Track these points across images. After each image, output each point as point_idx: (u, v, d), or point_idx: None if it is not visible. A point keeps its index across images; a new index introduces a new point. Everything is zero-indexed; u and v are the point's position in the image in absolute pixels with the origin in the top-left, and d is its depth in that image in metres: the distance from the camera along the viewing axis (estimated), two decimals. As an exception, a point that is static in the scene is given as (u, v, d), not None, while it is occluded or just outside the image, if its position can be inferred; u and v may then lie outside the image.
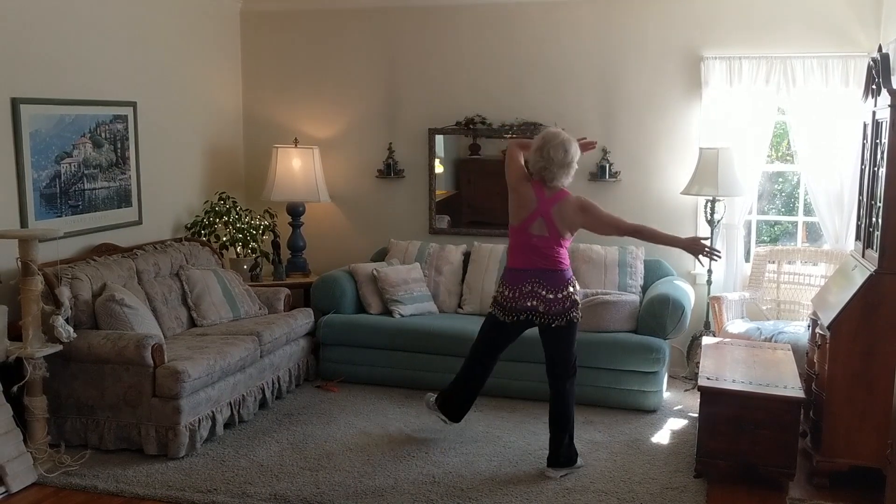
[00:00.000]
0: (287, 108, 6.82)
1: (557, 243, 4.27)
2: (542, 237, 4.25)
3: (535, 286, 4.25)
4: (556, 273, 4.26)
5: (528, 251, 4.29)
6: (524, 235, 4.29)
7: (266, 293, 5.90)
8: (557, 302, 4.24)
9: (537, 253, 4.26)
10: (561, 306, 4.25)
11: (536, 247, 4.26)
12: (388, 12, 6.51)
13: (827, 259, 5.67)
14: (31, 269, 4.21)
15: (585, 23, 6.12)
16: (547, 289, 4.24)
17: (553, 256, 4.27)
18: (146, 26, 5.77)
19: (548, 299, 4.24)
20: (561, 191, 4.29)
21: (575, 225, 4.28)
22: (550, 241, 4.25)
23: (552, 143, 4.22)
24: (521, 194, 4.32)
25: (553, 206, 4.24)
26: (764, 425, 4.11)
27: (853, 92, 5.44)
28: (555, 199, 4.26)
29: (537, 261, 4.26)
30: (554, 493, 4.09)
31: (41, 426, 4.32)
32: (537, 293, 4.24)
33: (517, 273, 4.31)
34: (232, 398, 4.86)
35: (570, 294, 4.28)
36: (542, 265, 4.25)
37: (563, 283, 4.27)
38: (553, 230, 4.24)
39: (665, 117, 6.04)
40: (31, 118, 4.82)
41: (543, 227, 4.24)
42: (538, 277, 4.25)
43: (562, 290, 4.25)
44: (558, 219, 4.24)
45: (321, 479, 4.21)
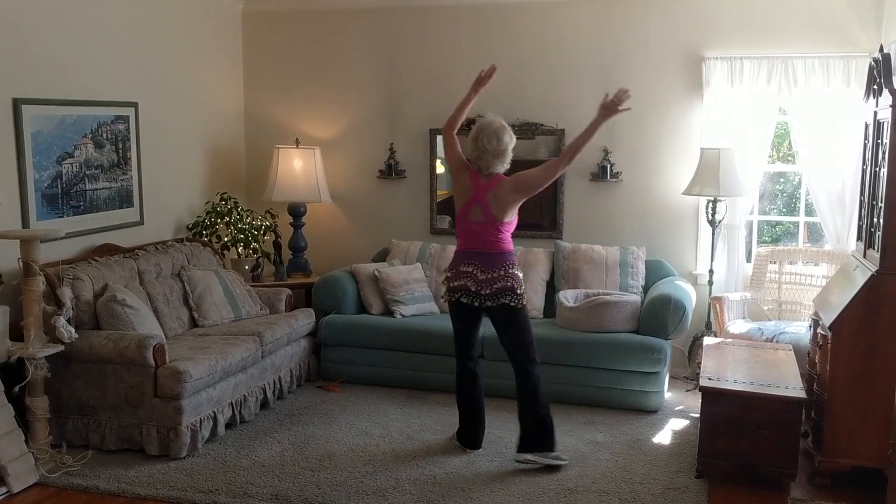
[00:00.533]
0: (288, 108, 6.83)
1: (494, 228, 4.38)
2: (479, 223, 4.38)
3: (470, 266, 4.39)
4: (491, 255, 4.37)
5: (468, 235, 4.45)
6: (464, 221, 4.45)
7: (267, 293, 5.91)
8: (488, 283, 4.33)
9: (475, 237, 4.41)
10: (490, 287, 4.33)
11: (475, 231, 4.41)
12: (388, 12, 6.51)
13: (828, 259, 5.66)
14: (32, 270, 4.21)
15: (586, 23, 6.12)
16: (480, 269, 4.36)
17: (490, 240, 4.38)
18: (147, 27, 5.77)
19: (479, 279, 4.35)
20: (496, 176, 4.41)
21: (511, 203, 4.35)
22: (486, 226, 4.37)
23: (485, 132, 4.36)
24: (459, 182, 4.49)
25: (488, 192, 4.37)
26: (765, 426, 4.10)
27: (854, 92, 5.44)
28: (490, 185, 4.38)
29: (475, 244, 4.40)
30: (555, 492, 4.09)
31: (43, 426, 4.32)
32: (470, 273, 4.38)
33: (457, 254, 4.50)
34: (233, 398, 4.86)
35: (504, 276, 4.34)
36: (479, 248, 4.39)
37: (498, 265, 4.35)
38: (489, 216, 4.35)
39: (666, 118, 6.04)
40: (32, 119, 4.82)
41: (479, 213, 4.37)
42: (474, 259, 4.39)
43: (495, 271, 4.34)
44: (494, 204, 4.34)
45: (322, 480, 4.21)
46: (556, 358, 5.31)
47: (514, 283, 4.35)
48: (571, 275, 5.87)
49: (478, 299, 4.37)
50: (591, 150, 6.11)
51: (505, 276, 4.34)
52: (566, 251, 5.96)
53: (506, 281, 4.34)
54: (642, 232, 6.16)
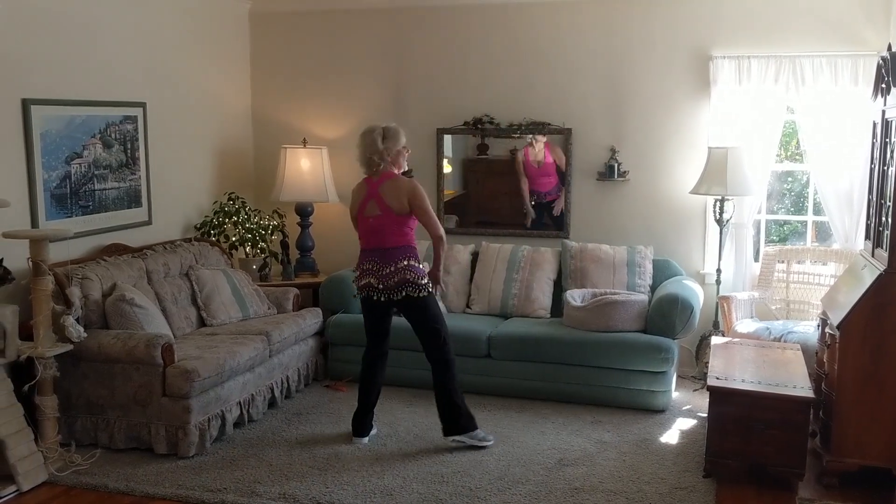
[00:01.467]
0: (296, 108, 6.84)
1: (391, 220, 4.55)
2: (376, 216, 4.57)
3: (370, 263, 4.59)
4: (388, 251, 4.55)
5: (367, 233, 4.64)
6: (362, 221, 4.64)
7: (275, 293, 5.92)
8: (389, 276, 4.52)
9: (374, 233, 4.59)
10: (391, 280, 4.51)
11: (373, 227, 4.59)
12: (396, 12, 6.52)
13: (836, 258, 5.65)
14: (41, 269, 4.23)
15: (594, 22, 6.11)
16: (380, 265, 4.55)
17: (387, 234, 4.55)
18: (155, 27, 5.79)
19: (380, 274, 4.54)
20: (388, 173, 4.64)
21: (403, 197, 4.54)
22: (383, 219, 4.55)
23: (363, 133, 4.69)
24: (354, 198, 4.71)
25: (380, 185, 4.59)
26: (773, 425, 4.10)
27: (862, 91, 5.42)
28: (381, 180, 4.61)
29: (373, 241, 4.59)
30: (562, 492, 4.09)
31: (52, 425, 4.34)
32: (372, 270, 4.58)
33: (361, 252, 4.69)
34: (241, 397, 4.88)
35: (403, 268, 4.52)
36: (377, 244, 4.58)
37: (395, 258, 4.53)
38: (384, 207, 4.55)
39: (673, 117, 6.03)
40: (41, 119, 4.84)
41: (374, 206, 4.57)
42: (373, 256, 4.59)
43: (393, 265, 4.52)
44: (387, 195, 4.55)
45: (330, 479, 4.22)
46: (563, 357, 5.31)
47: (412, 274, 4.53)
48: (578, 274, 5.87)
49: (383, 294, 4.55)
50: (598, 149, 6.18)
51: (405, 269, 4.52)
52: (573, 250, 5.96)
53: (404, 273, 4.52)
54: (649, 231, 6.15)
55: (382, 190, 4.56)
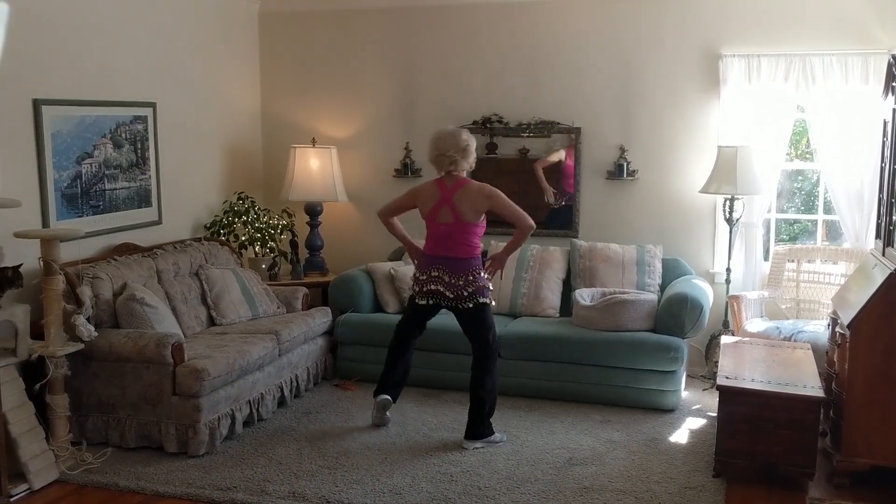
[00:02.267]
0: (305, 108, 6.85)
1: (462, 229, 4.59)
2: (448, 224, 4.59)
3: (440, 272, 4.59)
4: (459, 261, 4.58)
5: (437, 238, 4.65)
6: (433, 225, 4.67)
7: (284, 292, 5.93)
8: (460, 287, 4.56)
9: (444, 240, 4.61)
10: (463, 291, 4.55)
11: (444, 234, 4.62)
12: (404, 11, 6.52)
13: (847, 257, 5.63)
14: (53, 269, 4.25)
15: (603, 21, 6.10)
16: (449, 274, 4.57)
17: (459, 243, 4.59)
18: (165, 28, 5.81)
19: (450, 284, 4.57)
20: (462, 179, 4.66)
21: (477, 204, 4.57)
22: (454, 228, 4.58)
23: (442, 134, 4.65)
24: (422, 197, 4.70)
25: (455, 193, 4.59)
26: (783, 425, 4.08)
27: (873, 89, 5.40)
28: (456, 187, 4.61)
29: (444, 247, 4.60)
30: (572, 492, 4.09)
31: (63, 424, 4.36)
32: (441, 278, 4.59)
33: (427, 258, 4.69)
34: (251, 396, 4.89)
35: (472, 280, 4.57)
36: (447, 252, 4.59)
37: (464, 270, 4.57)
38: (457, 216, 4.57)
39: (683, 115, 6.02)
40: (52, 119, 4.87)
41: (448, 214, 4.58)
42: (443, 264, 4.60)
43: (463, 277, 4.56)
44: (460, 204, 4.57)
45: (339, 478, 4.23)
46: (572, 357, 5.31)
47: (483, 284, 4.61)
48: (588, 273, 5.86)
49: (452, 302, 4.60)
50: (607, 148, 6.17)
51: (474, 281, 4.57)
52: (582, 250, 5.95)
53: (475, 285, 4.57)
54: (659, 230, 6.14)
55: (456, 199, 4.57)
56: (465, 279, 4.55)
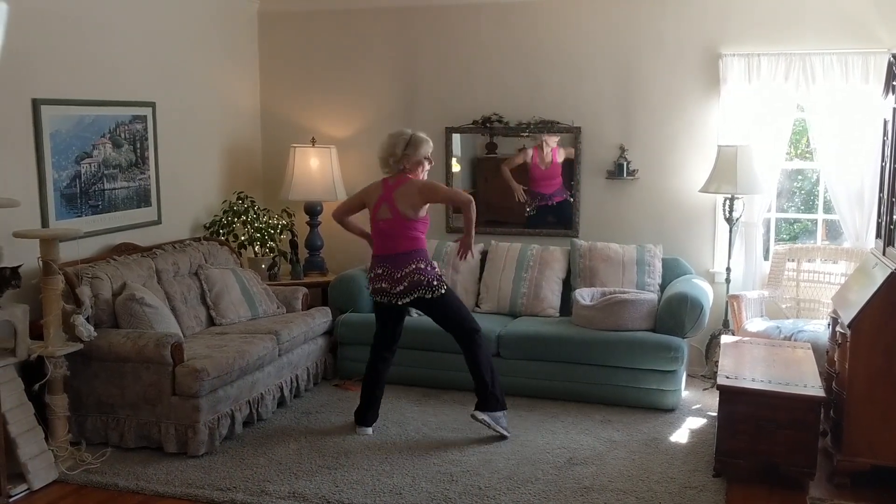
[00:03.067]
0: (304, 107, 6.85)
1: (402, 225, 4.63)
2: (387, 220, 4.65)
3: (382, 269, 4.67)
4: (400, 256, 4.62)
5: (379, 236, 4.73)
6: (375, 223, 4.73)
7: (284, 292, 5.93)
8: (400, 281, 4.60)
9: (385, 237, 4.67)
10: (402, 285, 4.59)
11: (384, 231, 4.68)
12: (404, 11, 6.52)
13: (847, 257, 5.62)
14: (52, 269, 4.24)
15: (603, 21, 6.10)
16: (391, 269, 4.63)
17: (398, 238, 4.62)
18: (164, 27, 5.81)
19: (393, 279, 4.62)
20: (403, 177, 4.69)
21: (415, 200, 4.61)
22: (394, 224, 4.63)
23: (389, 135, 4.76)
24: (368, 196, 4.77)
25: (395, 190, 4.64)
26: (784, 424, 4.08)
27: (873, 88, 5.39)
28: (396, 184, 4.67)
29: (385, 246, 4.67)
30: (572, 491, 4.09)
31: (62, 424, 4.36)
32: (383, 275, 4.66)
33: (373, 258, 4.78)
34: (251, 396, 4.88)
35: (413, 272, 4.59)
36: (388, 250, 4.66)
37: (406, 263, 4.61)
38: (395, 212, 4.62)
39: (683, 115, 6.01)
40: (51, 119, 4.86)
41: (387, 210, 4.64)
42: (385, 262, 4.67)
43: (404, 269, 4.60)
44: (399, 201, 4.61)
45: (339, 478, 4.22)
46: (572, 356, 5.30)
47: (423, 277, 4.61)
48: (588, 273, 5.86)
49: (395, 297, 4.63)
50: (607, 147, 6.17)
51: (414, 272, 4.59)
52: (582, 249, 5.94)
53: (414, 276, 4.59)
54: (659, 230, 6.14)
55: (396, 196, 4.63)
56: (404, 270, 4.59)
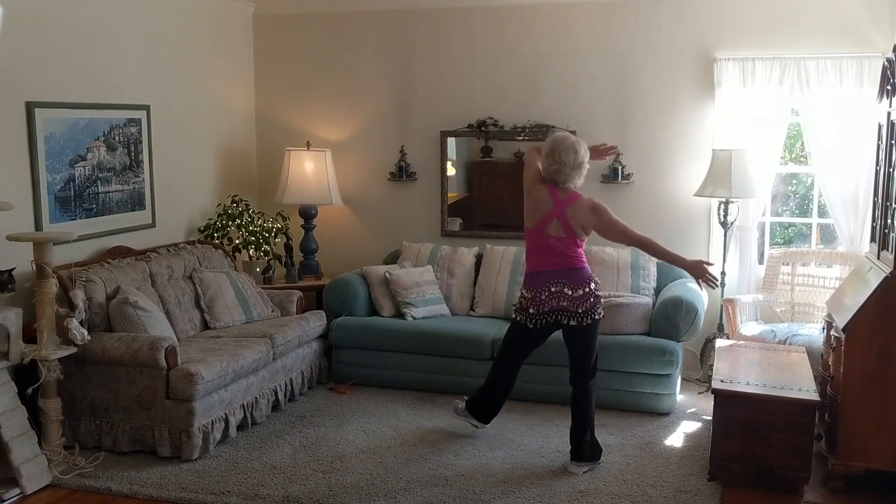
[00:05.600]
0: (299, 111, 6.84)
1: (574, 243, 4.36)
2: (559, 238, 4.34)
3: (559, 286, 4.33)
4: (576, 271, 4.35)
5: (546, 252, 4.37)
6: (541, 237, 4.37)
7: (279, 296, 5.92)
8: (582, 299, 4.33)
9: (555, 253, 4.35)
10: (585, 303, 4.33)
11: (554, 247, 4.35)
12: (400, 15, 6.52)
13: (842, 261, 5.63)
14: (45, 272, 4.23)
15: (598, 24, 6.11)
16: (571, 287, 4.33)
17: (570, 255, 4.36)
18: (159, 30, 5.80)
19: (573, 297, 4.32)
20: (574, 192, 4.40)
21: (588, 225, 4.36)
22: (567, 241, 4.34)
23: (562, 145, 4.36)
24: (535, 197, 4.42)
25: (567, 207, 4.33)
26: (778, 428, 4.08)
27: (868, 93, 5.41)
28: (568, 200, 4.35)
29: (556, 261, 4.35)
30: (567, 495, 4.08)
31: (56, 428, 4.34)
32: (562, 293, 4.33)
33: (539, 276, 4.39)
34: (245, 400, 4.87)
35: (593, 291, 4.37)
36: (561, 265, 4.34)
37: (584, 280, 4.36)
38: (569, 230, 4.33)
39: (678, 119, 6.02)
40: (45, 122, 4.84)
41: (560, 227, 4.34)
42: (561, 277, 4.34)
43: (584, 287, 4.34)
44: (573, 219, 4.32)
45: (333, 482, 4.21)
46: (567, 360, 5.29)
47: (600, 295, 4.43)
48: (583, 277, 5.85)
49: (573, 317, 4.34)
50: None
51: (594, 291, 4.37)
52: (577, 253, 5.93)
53: (596, 295, 4.37)
54: (654, 233, 6.01)
55: (569, 213, 4.31)
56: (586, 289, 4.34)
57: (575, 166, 4.34)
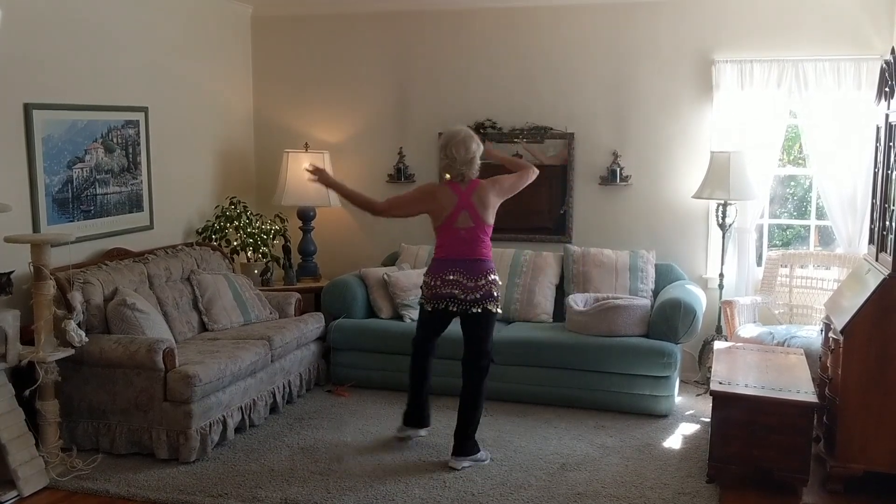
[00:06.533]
0: (298, 112, 6.84)
1: (483, 231, 4.49)
2: (468, 228, 4.47)
3: (457, 275, 4.45)
4: (477, 262, 4.46)
5: (456, 243, 4.50)
6: (451, 230, 4.50)
7: (277, 297, 5.91)
8: (474, 290, 4.43)
9: (463, 244, 4.48)
10: (477, 293, 4.43)
11: (464, 239, 4.49)
12: (398, 16, 6.52)
13: (840, 263, 5.63)
14: (43, 274, 4.22)
15: (597, 26, 6.11)
16: (467, 277, 4.43)
17: (477, 246, 4.48)
18: (157, 32, 5.79)
19: (467, 287, 4.43)
20: (474, 181, 4.54)
21: (493, 195, 4.50)
22: (476, 231, 4.48)
23: (453, 141, 4.51)
24: (436, 201, 4.51)
25: (472, 195, 4.48)
26: (777, 430, 4.08)
27: (866, 95, 5.42)
28: (471, 188, 4.50)
29: (462, 251, 4.47)
30: (565, 497, 4.08)
31: (53, 430, 4.33)
32: (458, 282, 4.44)
33: (441, 263, 4.52)
34: (243, 402, 4.86)
35: (489, 282, 4.46)
36: (465, 255, 4.47)
37: (483, 271, 4.46)
38: (477, 218, 4.47)
39: (676, 121, 6.03)
40: (43, 123, 4.84)
41: (468, 218, 4.47)
42: (460, 267, 4.46)
43: (481, 278, 4.44)
44: (479, 206, 4.46)
45: (332, 484, 4.21)
46: (565, 362, 5.30)
47: (495, 289, 4.48)
48: (581, 279, 5.86)
49: (464, 305, 4.45)
50: (600, 153, 6.17)
51: (491, 283, 4.46)
52: (576, 255, 5.94)
53: (491, 287, 4.46)
54: (652, 236, 6.14)
55: (475, 201, 4.45)
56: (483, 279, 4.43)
57: (465, 161, 4.48)
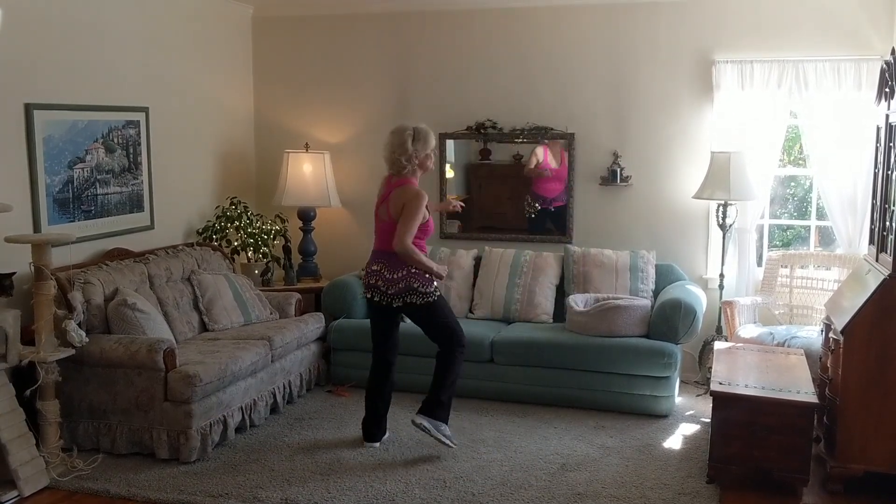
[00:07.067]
0: (298, 113, 6.84)
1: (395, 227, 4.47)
2: (385, 221, 4.55)
3: (379, 266, 4.55)
4: (395, 255, 4.45)
5: (379, 234, 4.61)
6: (376, 220, 4.62)
7: (277, 298, 5.91)
8: (394, 282, 4.48)
9: (382, 236, 4.56)
10: (396, 286, 4.48)
11: (382, 230, 4.58)
12: (398, 17, 6.52)
13: (840, 263, 5.63)
14: (44, 274, 4.23)
15: (596, 27, 6.11)
16: (388, 269, 4.50)
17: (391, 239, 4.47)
18: (158, 32, 5.80)
19: (388, 279, 4.50)
20: (405, 178, 4.55)
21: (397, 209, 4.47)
22: (390, 225, 4.50)
23: (392, 136, 4.57)
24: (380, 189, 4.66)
25: (393, 190, 4.53)
26: (777, 430, 4.08)
27: (866, 95, 5.41)
28: (396, 184, 4.55)
29: (384, 242, 4.53)
30: (565, 497, 4.08)
31: (54, 430, 4.33)
32: (380, 273, 4.53)
33: (372, 254, 4.64)
34: (243, 403, 4.87)
35: (406, 276, 4.47)
36: (387, 246, 4.49)
37: (401, 265, 4.48)
38: (389, 215, 4.52)
39: (677, 121, 6.03)
40: (44, 124, 4.84)
41: (385, 211, 4.54)
42: (382, 259, 4.55)
43: (399, 271, 4.47)
44: (393, 204, 4.50)
45: (332, 484, 4.21)
46: (566, 362, 5.30)
47: (416, 281, 4.48)
48: (581, 279, 5.86)
49: (386, 298, 4.52)
50: (601, 154, 6.18)
51: (407, 276, 4.47)
52: (576, 255, 5.94)
53: (408, 280, 4.47)
54: (652, 236, 6.14)
55: (393, 196, 4.52)
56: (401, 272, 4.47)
57: (387, 158, 4.55)
